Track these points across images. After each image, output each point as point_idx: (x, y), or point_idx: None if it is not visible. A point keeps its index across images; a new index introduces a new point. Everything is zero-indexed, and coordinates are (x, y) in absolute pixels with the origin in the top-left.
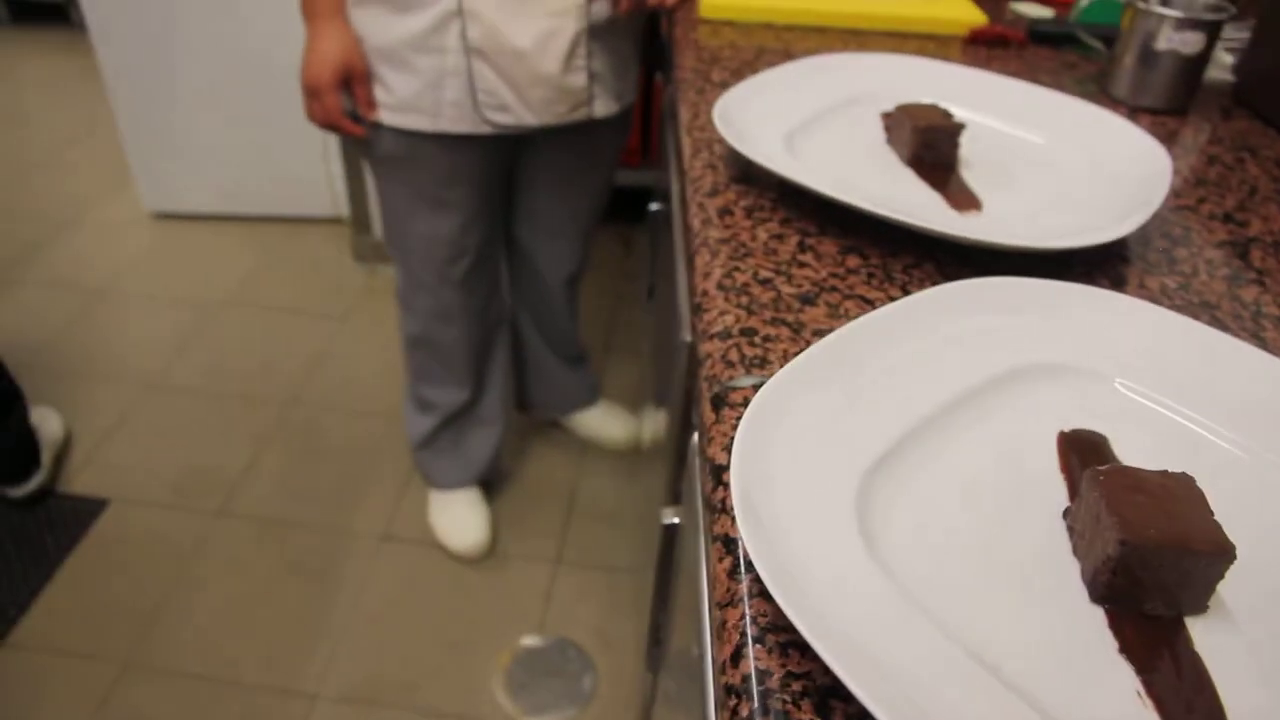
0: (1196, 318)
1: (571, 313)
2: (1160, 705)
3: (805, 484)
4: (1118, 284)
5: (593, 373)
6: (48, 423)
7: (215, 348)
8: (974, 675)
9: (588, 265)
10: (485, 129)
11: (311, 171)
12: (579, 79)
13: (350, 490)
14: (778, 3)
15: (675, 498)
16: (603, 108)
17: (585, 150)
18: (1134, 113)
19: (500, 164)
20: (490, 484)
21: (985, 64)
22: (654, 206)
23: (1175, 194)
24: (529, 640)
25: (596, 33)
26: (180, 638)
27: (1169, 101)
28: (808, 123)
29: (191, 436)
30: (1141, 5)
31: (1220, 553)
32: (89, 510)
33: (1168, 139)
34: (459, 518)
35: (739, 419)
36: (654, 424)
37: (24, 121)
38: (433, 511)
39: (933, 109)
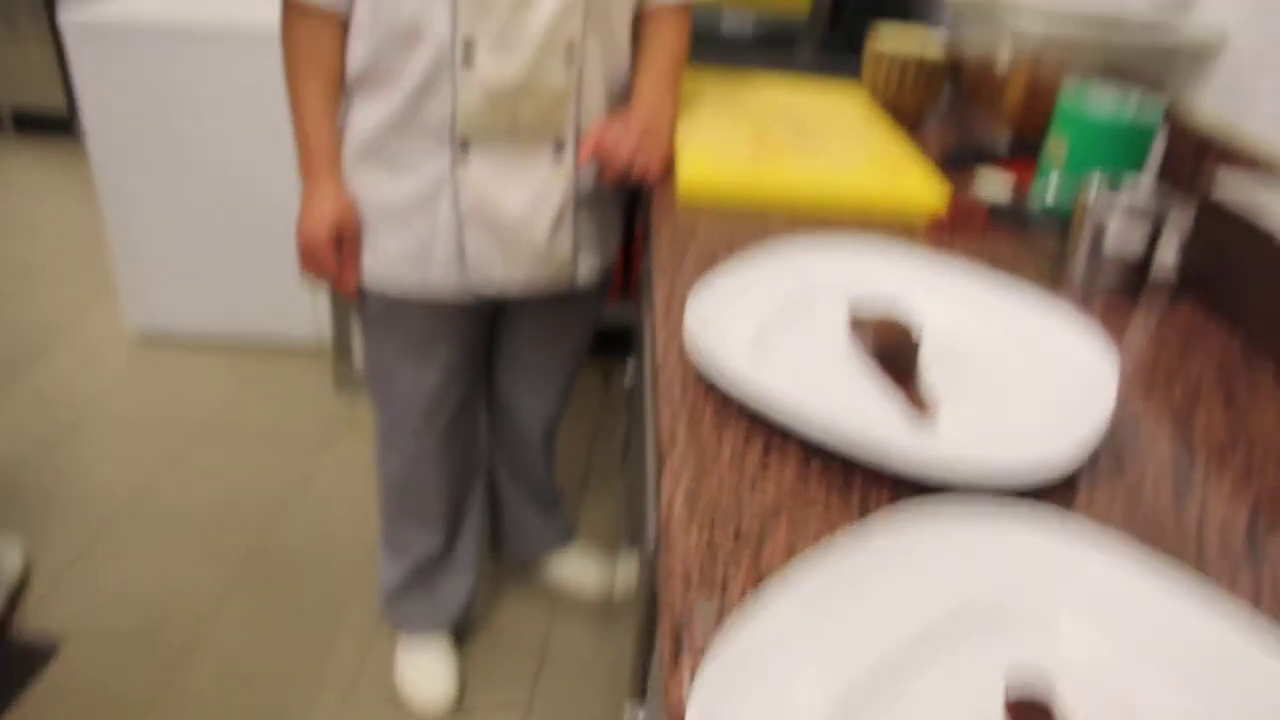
0: (1143, 534)
1: (548, 460)
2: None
3: None
4: (1067, 501)
5: (566, 517)
6: (7, 557)
7: (189, 477)
8: None
9: (564, 414)
10: (470, 299)
11: (296, 298)
12: (565, 247)
13: (317, 637)
14: (751, 190)
15: (641, 692)
16: (585, 273)
17: (567, 308)
18: (1087, 297)
19: (484, 320)
20: (460, 633)
21: (950, 242)
22: (630, 366)
23: (1123, 383)
24: None
25: (583, 199)
26: None
27: (1120, 287)
28: (776, 317)
29: (158, 570)
30: (1090, 202)
31: None
32: (40, 654)
33: (1118, 325)
34: (427, 668)
35: (695, 666)
36: (628, 568)
37: (16, 232)
38: (400, 660)
39: (894, 324)
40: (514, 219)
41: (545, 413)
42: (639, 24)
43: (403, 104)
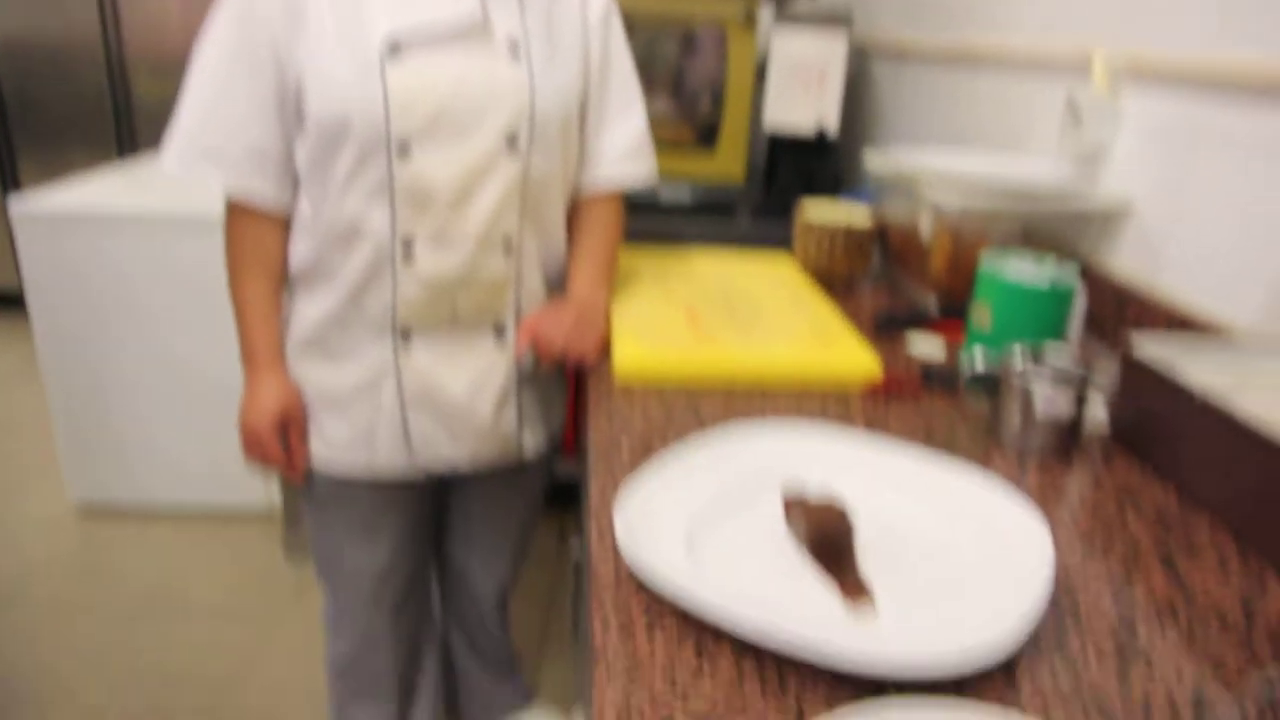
0: (1088, 713)
1: (503, 625)
2: None
3: None
4: (1010, 684)
5: (524, 681)
6: None
7: (131, 658)
8: None
9: (518, 577)
10: (418, 476)
11: (244, 467)
12: (510, 423)
13: None
14: (686, 371)
15: None
16: (531, 446)
17: (515, 478)
18: (1022, 462)
19: (430, 496)
20: None
21: (884, 414)
22: (575, 547)
23: (1062, 551)
24: None
25: (525, 379)
26: None
27: (1053, 450)
28: (709, 508)
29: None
30: (1014, 376)
31: None
32: None
33: (1054, 487)
34: None
35: None
36: None
37: None
38: None
39: (828, 507)
40: (458, 401)
41: (499, 580)
42: (573, 210)
43: (344, 298)
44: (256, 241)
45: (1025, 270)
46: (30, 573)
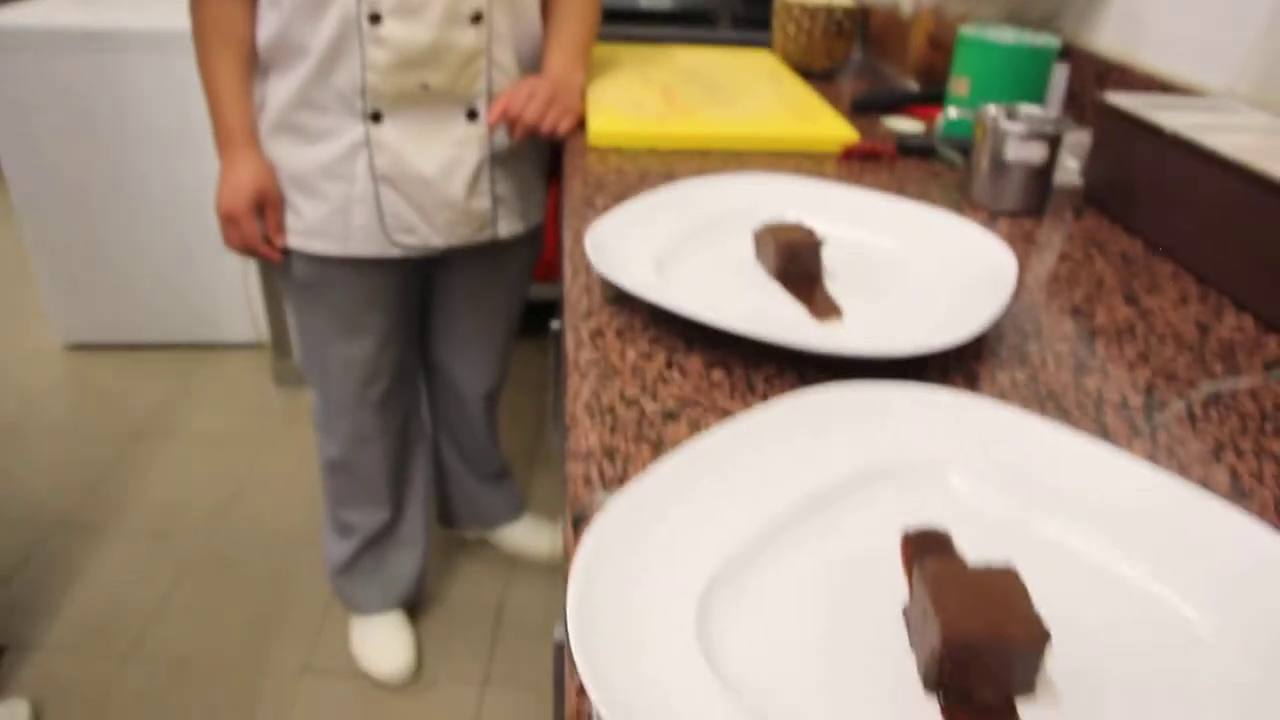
0: (1042, 409)
1: (491, 429)
2: None
3: (645, 599)
4: (971, 381)
5: (515, 488)
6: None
7: (127, 482)
8: None
9: (505, 381)
10: (394, 252)
11: (231, 297)
12: (483, 203)
13: (268, 622)
14: (660, 129)
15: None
16: (507, 229)
17: (495, 268)
18: (993, 217)
19: (413, 286)
20: (414, 606)
21: (858, 177)
22: (555, 325)
23: (1028, 289)
24: None
25: (499, 159)
26: None
27: (1023, 205)
28: (679, 244)
29: (100, 577)
30: (989, 122)
31: (1035, 639)
32: None
33: (1023, 239)
34: (382, 643)
35: None
36: None
37: None
38: (354, 638)
39: (795, 228)
40: (430, 179)
41: (484, 378)
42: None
43: (313, 73)
44: (222, 19)
45: (1006, 35)
46: (28, 404)
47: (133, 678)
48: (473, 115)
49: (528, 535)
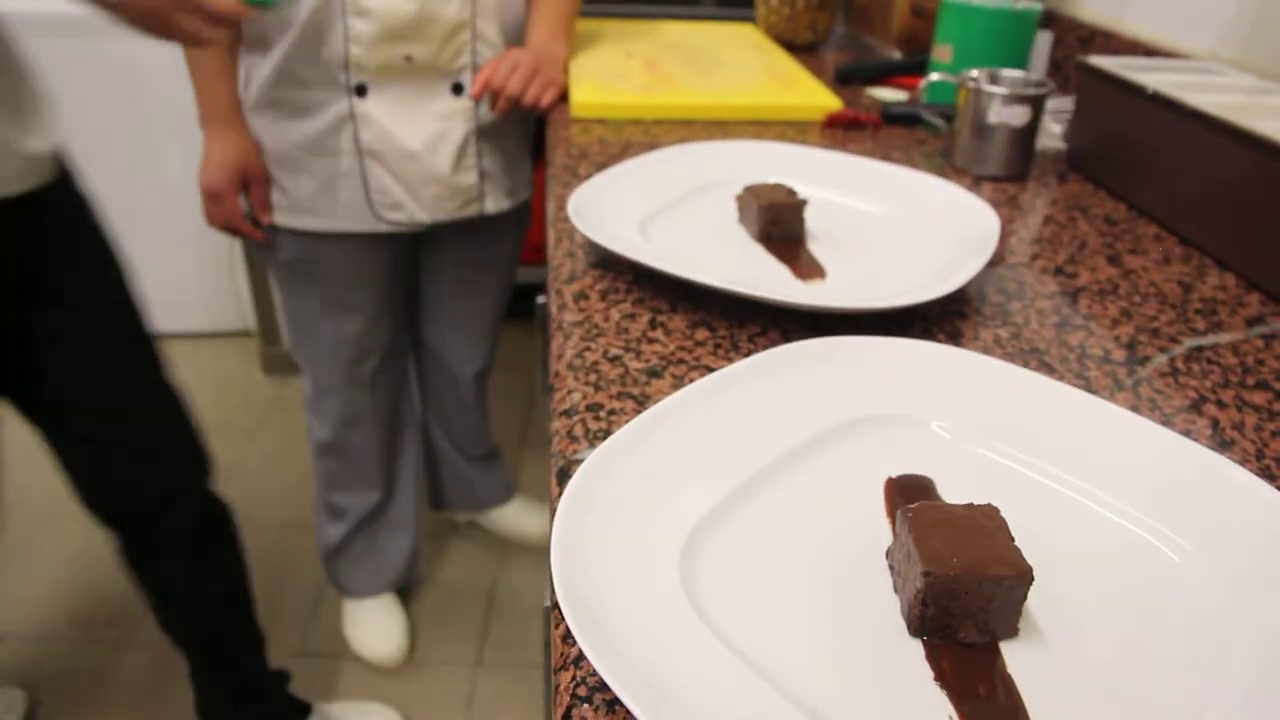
0: (1025, 364)
1: (481, 411)
2: None
3: (629, 543)
4: (954, 337)
5: (506, 470)
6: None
7: None
8: (791, 717)
9: (494, 362)
10: (381, 227)
11: (217, 285)
12: (469, 177)
13: (260, 607)
14: (643, 100)
15: None
16: (494, 204)
17: (483, 246)
18: (977, 182)
19: (400, 264)
20: (406, 589)
21: (842, 145)
22: (541, 300)
23: (1011, 252)
24: None
25: (485, 133)
26: None
27: (1006, 169)
28: (663, 209)
29: (91, 565)
30: (971, 84)
31: (1018, 576)
32: None
33: (1007, 203)
34: (376, 626)
35: None
36: None
37: None
38: (347, 622)
39: (778, 188)
40: (415, 153)
41: (475, 358)
42: None
43: (295, 47)
44: None
45: (989, 0)
46: None
47: (124, 667)
48: (458, 89)
49: (518, 517)
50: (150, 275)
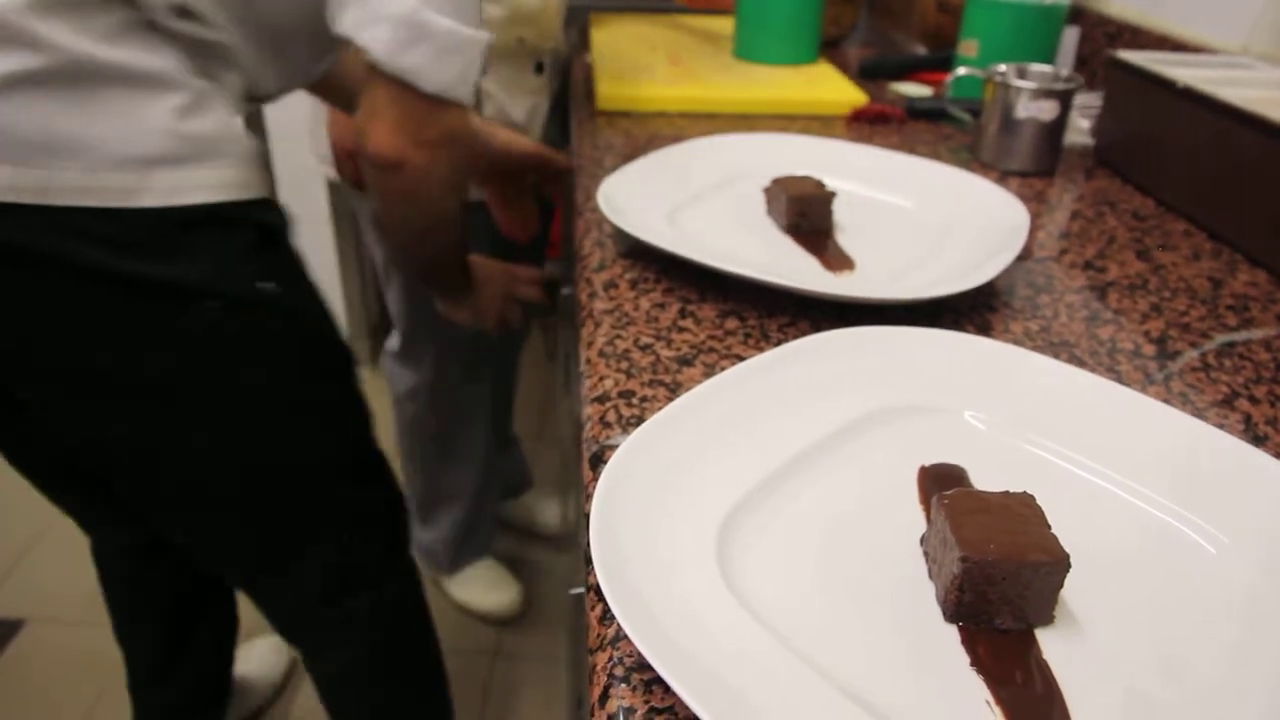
0: (1056, 357)
1: (513, 389)
2: (1007, 709)
3: (665, 527)
4: (984, 330)
5: (524, 458)
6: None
7: None
8: (828, 697)
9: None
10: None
11: None
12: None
13: None
14: (667, 93)
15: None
16: None
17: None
18: (1003, 177)
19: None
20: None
21: (867, 140)
22: (566, 290)
23: (1040, 246)
24: None
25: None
26: None
27: (1034, 164)
28: (691, 200)
29: None
30: (999, 79)
31: (1055, 562)
32: (2, 633)
33: (1034, 199)
34: (491, 580)
35: None
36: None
37: None
38: (456, 590)
39: (807, 180)
40: (520, 124)
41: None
42: None
43: None
44: None
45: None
46: None
47: None
48: (539, 68)
49: (535, 505)
50: None
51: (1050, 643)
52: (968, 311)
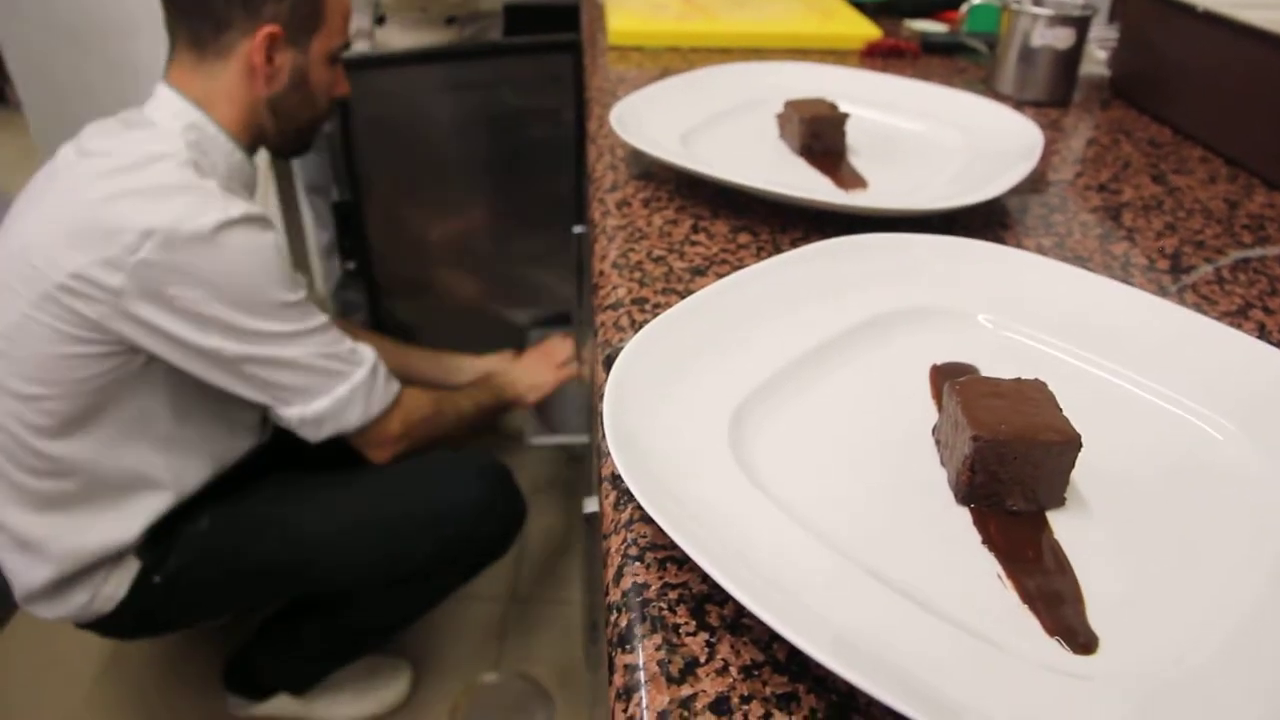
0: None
1: None
2: (1017, 582)
3: (679, 416)
4: (996, 240)
5: None
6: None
7: None
8: (838, 564)
9: None
10: None
11: None
12: None
13: None
14: (680, 27)
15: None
16: None
17: None
18: (1019, 106)
19: None
20: None
21: (880, 67)
22: (577, 229)
23: (1054, 170)
24: (486, 678)
25: None
26: None
27: (1049, 94)
28: (704, 124)
29: None
30: (1015, 6)
31: (1066, 442)
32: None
33: (1049, 127)
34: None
35: None
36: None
37: None
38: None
39: (820, 102)
40: None
41: None
42: None
43: None
44: None
45: None
46: None
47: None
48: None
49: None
50: None
51: (1061, 524)
52: (980, 229)
